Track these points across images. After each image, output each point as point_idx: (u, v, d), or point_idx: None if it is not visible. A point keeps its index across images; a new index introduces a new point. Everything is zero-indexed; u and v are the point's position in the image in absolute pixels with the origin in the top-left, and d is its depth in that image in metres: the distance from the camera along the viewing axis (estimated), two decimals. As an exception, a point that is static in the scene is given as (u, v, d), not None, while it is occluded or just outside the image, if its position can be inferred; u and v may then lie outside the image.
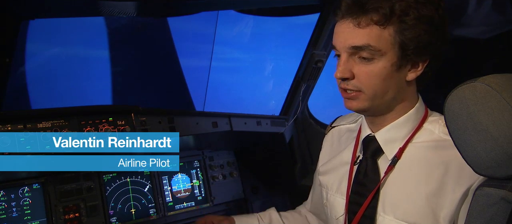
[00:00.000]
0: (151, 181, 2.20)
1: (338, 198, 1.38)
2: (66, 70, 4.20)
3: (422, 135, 1.23)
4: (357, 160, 1.34)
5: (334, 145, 1.53)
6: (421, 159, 1.20)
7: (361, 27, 1.11)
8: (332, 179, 1.43)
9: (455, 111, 0.96)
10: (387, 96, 1.18)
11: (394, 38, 1.11)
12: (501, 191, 0.93)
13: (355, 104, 1.19)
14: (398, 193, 1.21)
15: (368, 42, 1.11)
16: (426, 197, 1.16)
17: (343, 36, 1.15)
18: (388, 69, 1.14)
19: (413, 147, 1.23)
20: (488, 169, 0.94)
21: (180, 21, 4.21)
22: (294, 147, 2.61)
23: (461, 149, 0.99)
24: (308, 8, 2.30)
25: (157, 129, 1.98)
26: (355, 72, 1.15)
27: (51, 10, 2.05)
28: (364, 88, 1.16)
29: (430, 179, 1.16)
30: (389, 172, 1.23)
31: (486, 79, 0.93)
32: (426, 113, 1.27)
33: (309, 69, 2.25)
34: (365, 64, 1.14)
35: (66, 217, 1.94)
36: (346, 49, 1.15)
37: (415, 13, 1.09)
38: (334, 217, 1.40)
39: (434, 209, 1.14)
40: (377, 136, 1.27)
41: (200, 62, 4.08)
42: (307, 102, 2.58)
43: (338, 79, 1.18)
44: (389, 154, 1.25)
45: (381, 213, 1.23)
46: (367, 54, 1.12)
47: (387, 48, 1.12)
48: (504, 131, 0.88)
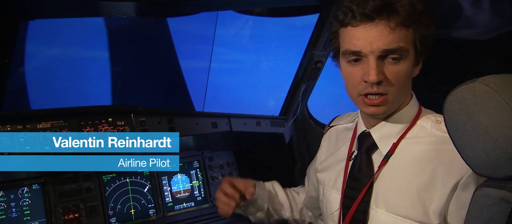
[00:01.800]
0: (151, 182, 2.20)
1: (334, 193, 1.40)
2: (66, 71, 4.20)
3: (415, 131, 1.26)
4: (352, 156, 1.36)
5: (332, 144, 1.55)
6: (413, 154, 1.22)
7: (392, 28, 1.12)
8: (329, 176, 1.45)
9: (454, 111, 0.96)
10: (403, 96, 1.23)
11: (414, 36, 1.16)
12: (500, 191, 0.93)
13: (381, 109, 1.20)
14: (390, 187, 1.23)
15: (400, 43, 1.13)
16: (417, 191, 1.18)
17: (373, 39, 1.13)
18: (410, 68, 1.18)
19: (406, 142, 1.25)
20: (488, 169, 0.94)
21: (179, 22, 4.21)
22: (293, 147, 2.61)
23: (461, 149, 0.99)
24: (308, 9, 2.30)
25: (157, 129, 1.98)
26: (385, 74, 1.16)
27: (50, 10, 2.05)
28: (391, 90, 1.17)
29: (421, 174, 1.19)
30: (382, 167, 1.26)
31: (485, 79, 0.93)
32: (420, 110, 1.30)
33: (309, 69, 2.25)
34: (393, 65, 1.15)
35: (66, 217, 1.94)
36: (377, 53, 1.13)
37: (427, 12, 1.15)
38: (329, 212, 1.42)
39: (424, 202, 1.17)
40: (372, 132, 1.30)
41: (199, 63, 4.08)
42: (306, 102, 2.58)
43: (373, 83, 1.15)
44: (383, 149, 1.27)
45: (374, 206, 1.25)
46: (398, 54, 1.14)
47: (410, 47, 1.16)
48: (503, 131, 0.88)
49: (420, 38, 1.16)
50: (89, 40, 4.16)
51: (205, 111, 2.55)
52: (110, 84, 4.12)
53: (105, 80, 4.10)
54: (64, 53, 4.14)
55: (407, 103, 1.27)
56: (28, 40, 3.14)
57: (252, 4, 2.33)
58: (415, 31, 1.15)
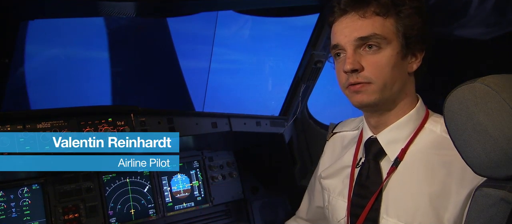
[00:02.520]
0: (151, 182, 2.20)
1: (340, 200, 1.37)
2: (66, 71, 4.20)
3: (424, 135, 1.23)
4: (359, 163, 1.33)
5: (336, 151, 1.52)
6: (424, 159, 1.19)
7: (366, 17, 1.16)
8: (334, 182, 1.42)
9: (454, 111, 0.96)
10: (394, 88, 1.19)
11: (396, 27, 1.16)
12: (500, 191, 0.93)
13: (365, 97, 1.18)
14: (401, 195, 1.20)
15: (373, 31, 1.15)
16: (429, 199, 1.14)
17: (347, 30, 1.18)
18: (395, 58, 1.17)
19: (415, 147, 1.22)
20: (488, 169, 0.94)
21: (179, 22, 4.21)
22: (293, 147, 2.61)
23: (461, 149, 0.99)
24: (308, 9, 2.30)
25: (157, 129, 1.98)
26: (363, 64, 1.16)
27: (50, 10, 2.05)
28: (373, 79, 1.16)
29: (433, 180, 1.15)
30: (391, 174, 1.22)
31: (485, 79, 0.93)
32: (427, 113, 1.27)
33: (309, 69, 2.25)
34: (372, 54, 1.16)
35: (66, 217, 1.94)
36: (352, 42, 1.17)
37: (410, 4, 1.17)
38: (336, 220, 1.38)
39: (438, 210, 1.13)
40: (379, 138, 1.27)
41: (199, 63, 4.08)
42: (306, 102, 2.58)
43: (348, 72, 1.17)
44: (391, 155, 1.24)
45: (384, 215, 1.21)
46: (374, 42, 1.15)
47: (391, 37, 1.16)
48: (503, 131, 0.88)
49: (404, 28, 1.16)
50: (89, 40, 4.16)
51: (205, 111, 2.55)
52: (110, 84, 4.12)
53: (105, 80, 4.09)
54: (64, 53, 4.14)
55: (413, 106, 1.25)
56: (28, 40, 3.14)
57: (252, 4, 2.33)
58: (396, 21, 1.16)
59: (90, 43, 4.23)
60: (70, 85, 4.23)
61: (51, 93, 3.97)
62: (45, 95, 3.86)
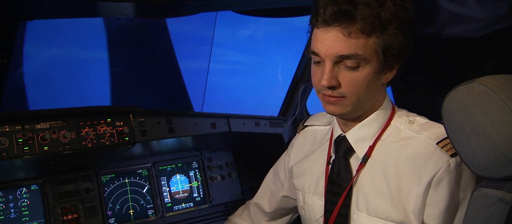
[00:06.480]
0: (150, 182, 2.20)
1: (316, 199, 1.40)
2: (65, 71, 4.20)
3: (389, 132, 1.28)
4: (330, 160, 1.37)
5: (307, 146, 1.53)
6: (390, 156, 1.24)
7: (350, 36, 1.12)
8: (308, 181, 1.44)
9: (452, 112, 0.96)
10: (368, 101, 1.23)
11: (378, 45, 1.15)
12: (498, 191, 0.94)
13: (338, 109, 1.22)
14: (370, 190, 1.25)
15: (356, 51, 1.13)
16: (396, 193, 1.19)
17: (329, 44, 1.15)
18: (371, 76, 1.17)
19: (382, 144, 1.27)
20: (486, 170, 0.94)
21: (178, 22, 4.22)
22: (292, 148, 2.60)
23: (459, 150, 0.99)
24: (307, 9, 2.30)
25: (156, 130, 1.97)
26: (340, 79, 1.17)
27: (49, 11, 2.04)
28: (348, 95, 1.19)
29: (398, 175, 1.20)
30: (360, 170, 1.27)
31: (483, 79, 0.93)
32: (394, 109, 1.31)
33: (308, 69, 2.26)
34: (350, 71, 1.16)
35: (64, 218, 1.93)
36: (332, 57, 1.16)
37: (397, 21, 1.14)
38: (314, 219, 1.41)
39: (403, 203, 1.18)
40: (347, 136, 1.30)
41: (198, 63, 4.08)
42: (305, 102, 2.58)
43: (324, 87, 1.18)
44: (360, 153, 1.28)
45: (355, 210, 1.27)
46: (353, 62, 1.15)
47: (371, 56, 1.15)
48: (501, 131, 0.88)
49: (384, 47, 1.15)
50: (88, 41, 4.16)
51: (204, 112, 2.55)
52: (109, 85, 4.12)
53: (104, 80, 4.09)
54: (63, 54, 4.14)
55: (380, 105, 1.28)
56: (27, 41, 3.14)
57: (251, 5, 2.33)
58: (378, 40, 1.14)
59: (89, 44, 4.23)
60: (69, 86, 4.23)
61: (50, 93, 3.97)
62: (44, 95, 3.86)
